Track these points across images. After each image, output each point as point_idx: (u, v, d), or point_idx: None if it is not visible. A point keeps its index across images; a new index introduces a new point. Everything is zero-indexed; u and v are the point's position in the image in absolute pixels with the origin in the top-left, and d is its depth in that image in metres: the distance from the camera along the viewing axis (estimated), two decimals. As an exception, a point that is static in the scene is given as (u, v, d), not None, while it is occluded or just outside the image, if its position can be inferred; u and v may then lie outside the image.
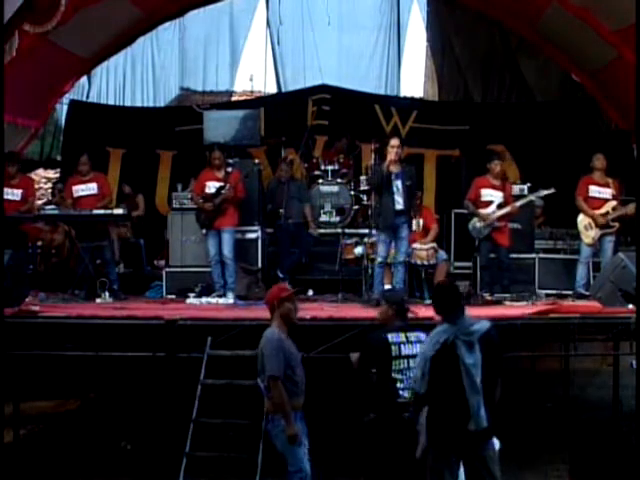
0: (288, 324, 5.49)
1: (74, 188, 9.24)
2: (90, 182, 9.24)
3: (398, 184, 8.05)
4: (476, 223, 8.81)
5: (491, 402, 4.90)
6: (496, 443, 5.45)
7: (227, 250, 8.73)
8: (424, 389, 4.92)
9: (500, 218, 8.77)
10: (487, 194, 8.86)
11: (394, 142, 8.10)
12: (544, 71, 12.36)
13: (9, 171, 8.71)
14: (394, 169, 8.06)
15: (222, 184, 8.84)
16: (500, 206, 8.78)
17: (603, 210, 8.83)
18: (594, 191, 8.93)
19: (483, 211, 8.79)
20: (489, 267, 8.85)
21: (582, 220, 8.90)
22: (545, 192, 9.05)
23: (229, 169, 9.08)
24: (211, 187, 8.94)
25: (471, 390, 4.77)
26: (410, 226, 8.44)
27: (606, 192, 8.92)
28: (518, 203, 8.91)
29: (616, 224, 8.77)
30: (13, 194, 8.68)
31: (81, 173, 9.28)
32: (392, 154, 8.03)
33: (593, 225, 8.80)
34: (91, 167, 9.37)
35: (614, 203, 8.85)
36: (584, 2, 9.21)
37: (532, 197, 9.25)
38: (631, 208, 8.71)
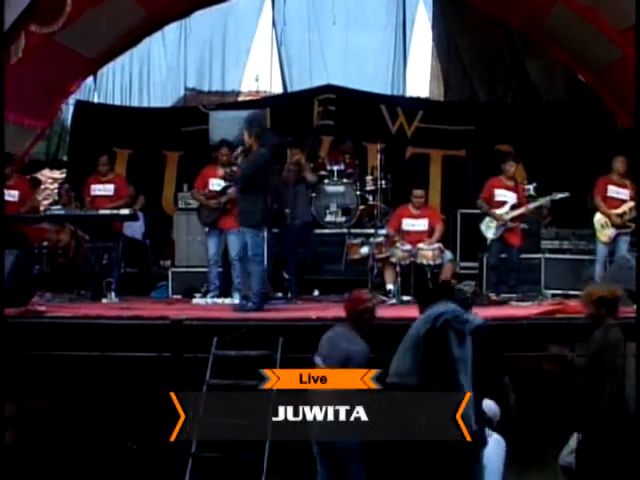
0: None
1: (92, 187, 9.32)
2: (108, 183, 9.31)
3: None
4: (489, 223, 8.82)
5: (479, 407, 4.52)
6: (502, 442, 5.44)
7: (234, 253, 8.68)
8: (416, 380, 4.40)
9: (513, 219, 8.79)
10: (500, 194, 8.89)
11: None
12: (550, 71, 12.34)
13: (4, 172, 8.71)
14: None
15: (229, 184, 8.82)
16: (514, 207, 8.80)
17: (620, 210, 8.84)
18: (612, 191, 8.94)
19: (497, 211, 8.81)
20: (498, 267, 8.86)
21: (599, 219, 8.89)
22: (560, 195, 9.05)
23: (234, 168, 9.05)
24: (215, 185, 8.91)
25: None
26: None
27: (624, 193, 8.93)
28: (532, 205, 8.94)
29: (632, 225, 8.77)
30: (10, 195, 8.67)
31: (100, 173, 9.35)
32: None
33: (609, 224, 8.80)
34: (111, 168, 9.44)
35: (632, 204, 8.84)
36: (590, 1, 9.19)
37: (547, 199, 9.23)
38: None
